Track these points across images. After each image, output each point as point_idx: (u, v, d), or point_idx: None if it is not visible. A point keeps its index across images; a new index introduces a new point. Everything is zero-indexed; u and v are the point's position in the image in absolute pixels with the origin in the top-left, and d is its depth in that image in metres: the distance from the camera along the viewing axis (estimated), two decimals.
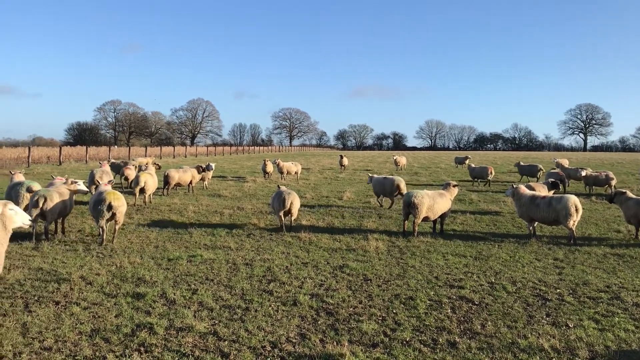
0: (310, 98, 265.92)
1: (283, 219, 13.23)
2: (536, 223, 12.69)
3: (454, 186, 13.70)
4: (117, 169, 25.93)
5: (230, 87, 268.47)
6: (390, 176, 18.09)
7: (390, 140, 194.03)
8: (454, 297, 7.83)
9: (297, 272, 9.05)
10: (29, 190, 12.70)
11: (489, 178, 27.34)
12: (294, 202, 13.11)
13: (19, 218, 6.50)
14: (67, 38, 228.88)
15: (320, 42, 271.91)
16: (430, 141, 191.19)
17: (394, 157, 42.29)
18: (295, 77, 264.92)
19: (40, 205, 10.94)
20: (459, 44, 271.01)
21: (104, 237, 11.21)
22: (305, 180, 29.09)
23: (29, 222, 6.81)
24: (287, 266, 9.49)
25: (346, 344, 5.89)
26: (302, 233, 12.47)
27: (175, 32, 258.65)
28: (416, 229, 12.49)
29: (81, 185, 12.39)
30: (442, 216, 12.97)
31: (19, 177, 15.23)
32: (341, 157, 40.39)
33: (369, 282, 8.55)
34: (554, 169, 26.48)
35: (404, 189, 16.97)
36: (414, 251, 10.89)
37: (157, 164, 25.38)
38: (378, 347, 5.87)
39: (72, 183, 12.23)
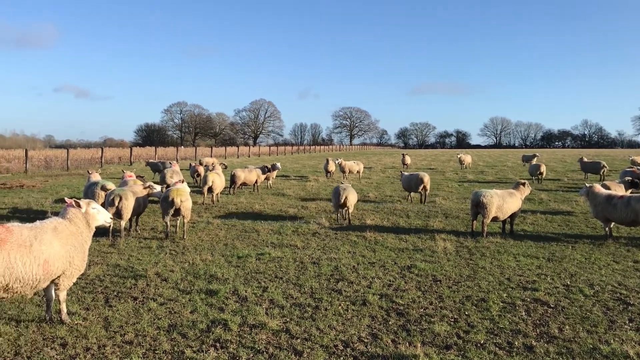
0: (371, 96, 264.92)
1: (340, 212, 14.43)
2: (612, 224, 12.14)
3: (524, 185, 13.29)
4: (156, 167, 29.90)
5: (295, 87, 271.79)
6: (415, 172, 19.44)
7: (453, 138, 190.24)
8: (528, 299, 7.60)
9: (365, 272, 9.03)
10: (103, 188, 13.30)
11: (537, 176, 27.57)
12: (349, 197, 13.94)
13: (101, 216, 6.81)
14: (138, 43, 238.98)
15: (383, 39, 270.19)
16: (495, 139, 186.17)
17: (459, 156, 41.48)
18: (357, 76, 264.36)
19: (116, 204, 11.40)
20: (521, 38, 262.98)
21: (168, 231, 11.93)
22: (367, 180, 28.99)
23: (110, 221, 7.12)
24: (354, 265, 9.49)
25: (419, 345, 5.82)
26: (367, 232, 12.44)
27: (242, 33, 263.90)
28: (485, 229, 12.19)
29: (157, 189, 12.89)
30: (512, 216, 12.61)
31: (96, 177, 16.02)
32: (403, 155, 40.05)
33: (438, 283, 8.43)
34: (631, 167, 25.23)
35: (427, 183, 18.32)
36: (483, 252, 10.65)
37: (224, 164, 26.08)
38: (452, 349, 5.77)
39: (148, 186, 12.75)
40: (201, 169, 24.24)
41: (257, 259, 9.90)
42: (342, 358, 5.56)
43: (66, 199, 6.73)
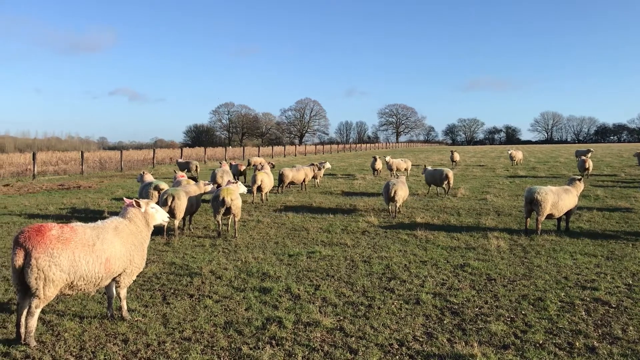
0: (417, 93, 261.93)
1: (390, 206, 14.97)
2: None
3: (579, 180, 12.89)
4: (183, 167, 30.99)
5: (341, 86, 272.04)
6: (440, 168, 20.43)
7: (502, 134, 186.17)
8: (588, 298, 7.38)
9: (417, 271, 8.95)
10: (156, 189, 13.64)
11: (584, 171, 27.52)
12: (398, 191, 14.46)
13: (159, 216, 7.00)
14: (189, 46, 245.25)
15: (430, 36, 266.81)
16: (546, 134, 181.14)
17: (509, 152, 40.51)
18: (404, 73, 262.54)
19: (169, 203, 11.67)
20: (572, 31, 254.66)
21: (220, 229, 12.21)
22: (415, 177, 28.69)
23: (168, 220, 7.31)
24: (405, 264, 9.43)
25: (476, 344, 5.73)
26: (417, 231, 12.33)
27: (289, 34, 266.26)
28: (539, 226, 11.88)
29: (211, 187, 13.22)
30: (568, 213, 12.25)
31: (149, 177, 16.45)
32: (452, 152, 39.43)
33: (493, 281, 8.28)
34: None
35: (451, 178, 19.46)
36: (538, 250, 10.39)
37: (272, 163, 26.39)
38: (509, 349, 5.66)
39: (205, 185, 13.09)
40: (244, 168, 25.23)
41: (308, 257, 9.96)
42: (397, 357, 5.53)
43: (125, 199, 6.95)
